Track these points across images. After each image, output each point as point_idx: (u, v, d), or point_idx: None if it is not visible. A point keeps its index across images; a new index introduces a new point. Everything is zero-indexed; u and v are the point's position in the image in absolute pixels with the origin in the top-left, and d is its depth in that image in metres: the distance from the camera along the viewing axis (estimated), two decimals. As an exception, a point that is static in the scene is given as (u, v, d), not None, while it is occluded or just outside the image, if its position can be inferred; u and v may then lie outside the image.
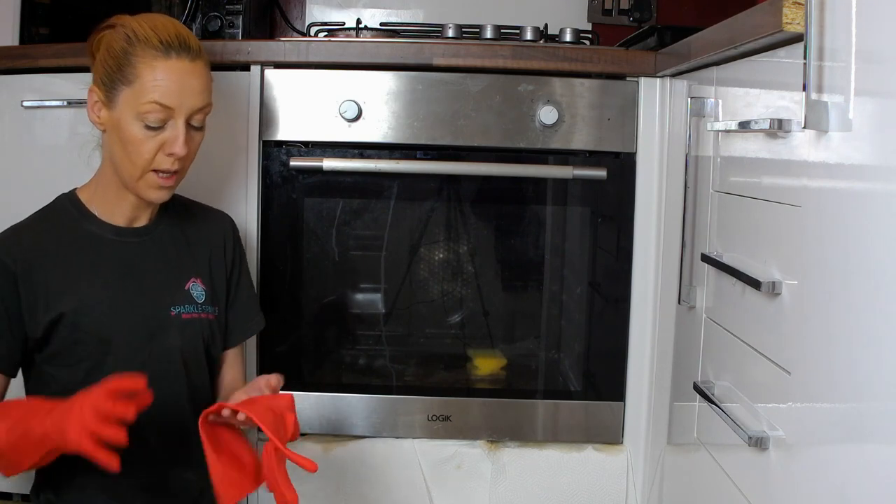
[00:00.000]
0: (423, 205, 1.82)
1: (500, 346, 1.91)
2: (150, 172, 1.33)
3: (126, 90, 1.31)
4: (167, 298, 1.42)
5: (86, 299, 1.34)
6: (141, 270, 1.40)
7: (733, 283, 1.24)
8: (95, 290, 1.36)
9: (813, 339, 0.98)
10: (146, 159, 1.32)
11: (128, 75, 1.31)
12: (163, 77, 1.30)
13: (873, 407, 0.82)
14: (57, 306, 1.32)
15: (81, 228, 1.38)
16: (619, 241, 1.71)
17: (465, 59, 1.66)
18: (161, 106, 1.30)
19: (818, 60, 0.94)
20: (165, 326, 1.40)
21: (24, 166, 1.71)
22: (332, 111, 1.67)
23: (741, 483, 1.20)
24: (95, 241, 1.38)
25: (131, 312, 1.38)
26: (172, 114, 1.31)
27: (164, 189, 1.36)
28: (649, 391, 1.70)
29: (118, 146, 1.34)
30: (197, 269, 1.47)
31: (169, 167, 1.33)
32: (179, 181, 1.38)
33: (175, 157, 1.32)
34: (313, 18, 2.31)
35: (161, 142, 1.32)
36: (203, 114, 1.36)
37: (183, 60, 1.31)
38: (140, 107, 1.30)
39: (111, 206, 1.39)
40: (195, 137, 1.36)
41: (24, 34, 1.87)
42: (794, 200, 1.04)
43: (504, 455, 1.72)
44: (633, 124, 1.69)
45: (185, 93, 1.31)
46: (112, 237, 1.39)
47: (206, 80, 1.36)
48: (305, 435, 1.73)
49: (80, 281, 1.35)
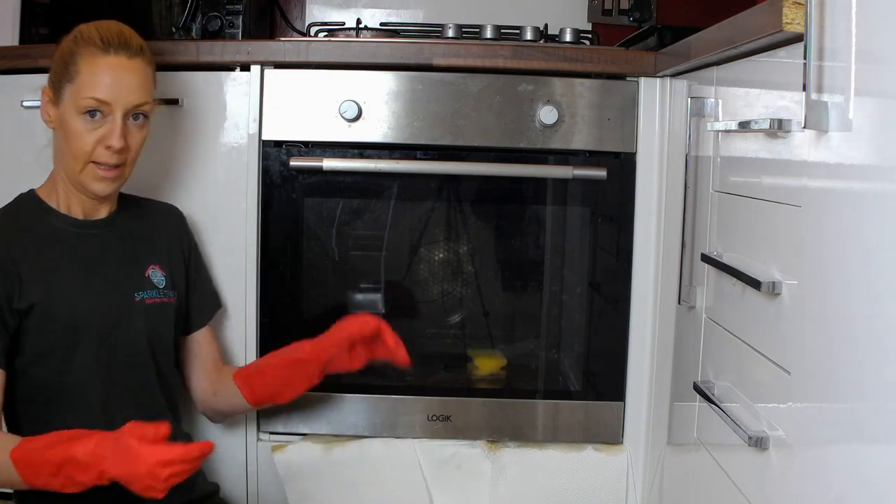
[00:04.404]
0: (423, 205, 1.82)
1: (500, 346, 1.91)
2: (90, 164, 1.40)
3: (69, 87, 1.39)
4: (130, 285, 1.48)
5: (54, 289, 1.40)
6: (103, 260, 1.47)
7: (733, 283, 1.24)
8: (62, 280, 1.41)
9: (813, 339, 0.98)
10: (86, 151, 1.38)
11: (70, 73, 1.39)
12: (100, 72, 1.37)
13: (873, 407, 0.82)
14: (28, 298, 1.37)
15: (45, 223, 1.44)
16: (619, 241, 1.71)
17: (465, 59, 1.66)
18: (97, 101, 1.37)
19: (818, 60, 0.94)
20: (130, 312, 1.46)
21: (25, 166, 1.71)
22: (332, 111, 1.67)
23: (741, 483, 1.20)
24: (59, 234, 1.44)
25: (97, 300, 1.43)
26: (110, 108, 1.38)
27: (105, 181, 1.41)
28: (649, 391, 1.70)
29: (63, 141, 1.41)
30: (155, 256, 1.53)
31: (108, 160, 1.39)
32: (123, 177, 1.44)
33: (112, 149, 1.38)
34: (313, 18, 2.31)
35: (100, 135, 1.38)
36: (142, 111, 1.42)
37: (120, 57, 1.39)
38: (79, 101, 1.37)
39: (68, 201, 1.45)
40: (135, 133, 1.42)
41: (24, 34, 1.87)
42: (794, 200, 1.04)
43: (504, 455, 1.72)
44: (633, 124, 1.69)
45: (120, 88, 1.38)
46: (74, 230, 1.45)
47: (144, 78, 1.42)
48: (306, 435, 1.73)
49: (48, 272, 1.40)
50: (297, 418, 1.72)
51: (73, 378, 1.40)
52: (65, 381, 1.40)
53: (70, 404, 1.40)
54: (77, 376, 1.40)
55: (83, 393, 1.41)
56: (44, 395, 1.40)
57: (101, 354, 1.42)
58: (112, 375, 1.43)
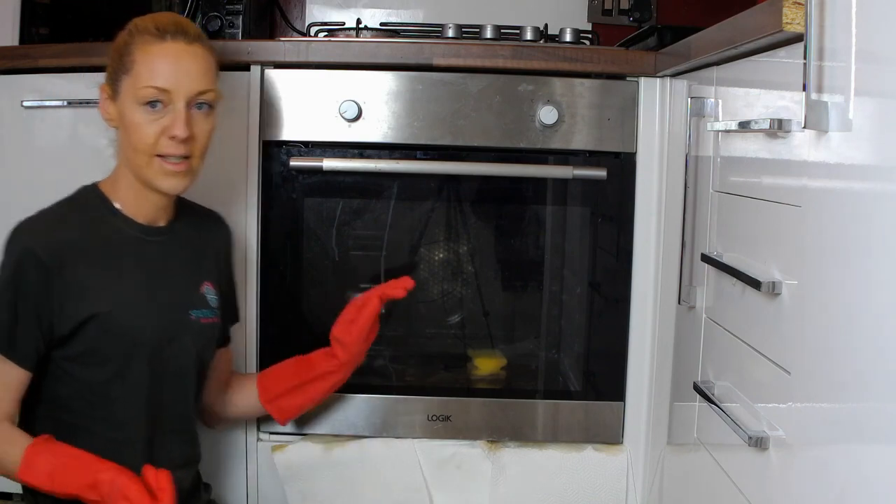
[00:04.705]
0: (423, 205, 1.82)
1: (500, 346, 1.91)
2: (155, 158, 1.33)
3: (126, 79, 1.32)
4: (187, 301, 1.42)
5: (119, 299, 1.33)
6: (164, 271, 1.40)
7: (733, 283, 1.24)
8: (127, 289, 1.35)
9: (813, 339, 0.98)
10: (148, 144, 1.32)
11: (126, 64, 1.32)
12: (157, 60, 1.31)
13: (873, 407, 0.82)
14: (90, 305, 1.31)
15: (109, 224, 1.37)
16: (619, 241, 1.71)
17: (465, 59, 1.66)
18: (156, 89, 1.31)
19: (818, 60, 0.94)
20: (184, 330, 1.40)
21: (24, 166, 1.71)
22: (332, 111, 1.67)
23: (741, 483, 1.20)
24: (123, 238, 1.37)
25: (157, 314, 1.37)
26: (171, 97, 1.31)
27: (174, 176, 1.34)
28: (649, 391, 1.70)
29: (125, 137, 1.34)
30: (209, 272, 1.47)
31: (174, 151, 1.32)
32: (193, 172, 1.36)
33: (177, 139, 1.31)
34: (313, 18, 2.31)
35: (163, 126, 1.31)
36: (206, 100, 1.35)
37: (178, 43, 1.32)
38: (138, 91, 1.31)
39: (133, 204, 1.38)
40: (200, 123, 1.35)
41: (24, 34, 1.87)
42: (794, 200, 1.04)
43: (504, 455, 1.72)
44: (633, 124, 1.69)
45: (180, 74, 1.31)
46: (138, 235, 1.38)
47: (205, 64, 1.35)
48: (306, 435, 1.73)
49: (112, 280, 1.34)
50: (297, 418, 1.72)
51: (121, 389, 1.34)
52: (112, 391, 1.34)
53: (110, 413, 1.35)
54: (125, 388, 1.35)
55: (127, 404, 1.36)
56: (84, 400, 1.34)
57: (154, 368, 1.36)
58: (159, 390, 1.38)
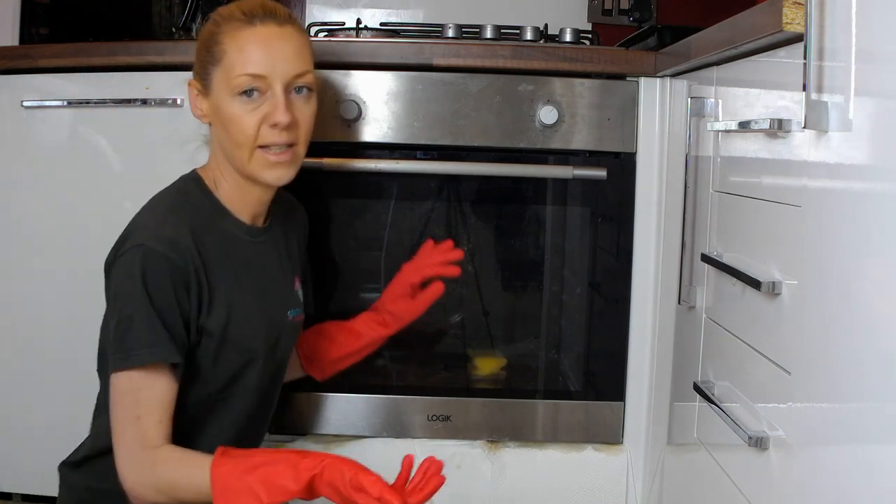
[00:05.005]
0: (423, 205, 1.82)
1: (500, 346, 1.91)
2: (257, 150, 1.26)
3: (217, 71, 1.25)
4: (286, 302, 1.37)
5: (235, 307, 1.27)
6: (266, 275, 1.34)
7: (733, 283, 1.24)
8: (241, 297, 1.28)
9: (813, 339, 0.98)
10: (249, 135, 1.24)
11: (216, 54, 1.25)
12: (249, 46, 1.23)
13: (873, 407, 0.82)
14: (212, 312, 1.25)
15: (221, 227, 1.29)
16: (619, 241, 1.71)
17: (465, 59, 1.66)
18: (251, 76, 1.23)
19: (818, 60, 0.94)
20: (284, 331, 1.36)
21: (24, 166, 1.71)
22: (332, 111, 1.67)
23: (741, 483, 1.20)
24: (233, 241, 1.30)
25: (265, 319, 1.32)
26: (267, 83, 1.24)
27: (279, 167, 1.27)
28: (649, 391, 1.70)
29: (222, 132, 1.27)
30: (296, 267, 1.42)
31: (277, 140, 1.25)
32: (299, 160, 1.30)
33: (279, 126, 1.24)
34: (313, 18, 2.31)
35: (262, 114, 1.25)
36: (304, 83, 1.28)
37: (268, 26, 1.25)
38: (232, 81, 1.24)
39: (239, 202, 1.31)
40: (302, 107, 1.28)
41: (24, 34, 1.87)
42: (794, 200, 1.04)
43: (504, 455, 1.72)
44: (633, 124, 1.69)
45: (275, 58, 1.24)
46: (245, 237, 1.31)
47: (300, 45, 1.28)
48: (306, 435, 1.73)
49: (228, 286, 1.27)
50: (297, 418, 1.72)
51: (234, 398, 1.31)
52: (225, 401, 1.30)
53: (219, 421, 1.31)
54: (238, 396, 1.31)
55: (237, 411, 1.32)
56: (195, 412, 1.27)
57: (264, 374, 1.33)
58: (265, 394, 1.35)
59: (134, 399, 1.19)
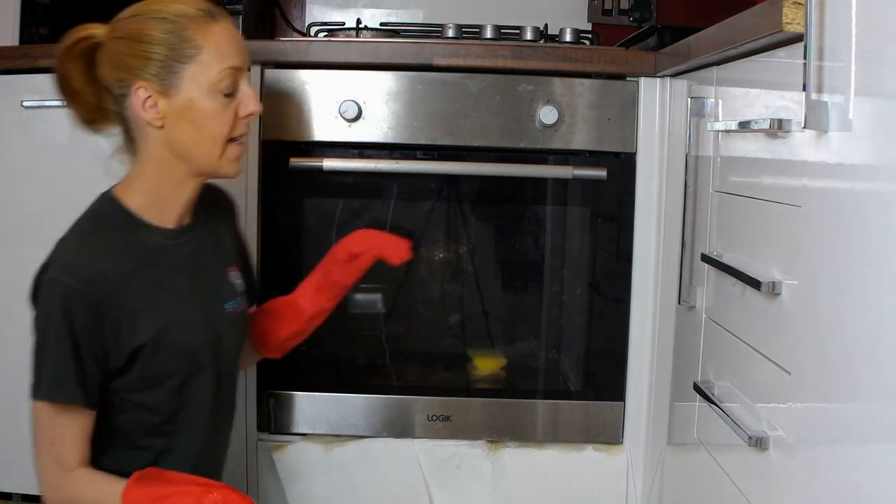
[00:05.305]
0: (423, 205, 1.82)
1: (500, 346, 1.91)
2: (229, 144, 1.28)
3: (189, 68, 1.24)
4: (221, 295, 1.37)
5: (167, 315, 1.27)
6: (197, 271, 1.34)
7: (733, 283, 1.24)
8: (171, 304, 1.28)
9: (813, 339, 0.98)
10: (226, 131, 1.26)
11: (186, 52, 1.23)
12: (223, 41, 1.26)
13: (873, 407, 0.82)
14: (141, 329, 1.24)
15: (137, 239, 1.28)
16: (619, 241, 1.71)
17: (465, 59, 1.66)
18: (233, 69, 1.26)
19: (818, 60, 0.95)
20: (224, 325, 1.36)
21: (24, 166, 1.71)
22: (332, 111, 1.67)
23: (741, 483, 1.20)
24: (154, 249, 1.29)
25: (202, 318, 1.32)
26: (241, 74, 1.28)
27: (241, 159, 1.31)
28: (649, 391, 1.70)
29: (188, 131, 1.26)
30: (230, 257, 1.42)
31: (245, 130, 1.29)
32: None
33: (253, 115, 1.28)
34: (313, 18, 2.31)
35: (234, 107, 1.27)
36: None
37: (226, 20, 1.28)
38: (214, 76, 1.24)
39: (162, 209, 1.30)
40: None
41: (24, 34, 1.88)
42: (794, 200, 1.04)
43: (504, 455, 1.72)
44: (633, 124, 1.69)
45: (241, 50, 1.28)
46: (167, 242, 1.30)
47: None
48: (306, 435, 1.73)
49: (155, 299, 1.27)
50: (297, 418, 1.72)
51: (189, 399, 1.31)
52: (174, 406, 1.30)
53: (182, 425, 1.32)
54: (193, 398, 1.31)
55: (196, 412, 1.32)
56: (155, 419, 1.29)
57: (214, 372, 1.33)
58: (217, 390, 1.35)
59: (49, 424, 1.24)
